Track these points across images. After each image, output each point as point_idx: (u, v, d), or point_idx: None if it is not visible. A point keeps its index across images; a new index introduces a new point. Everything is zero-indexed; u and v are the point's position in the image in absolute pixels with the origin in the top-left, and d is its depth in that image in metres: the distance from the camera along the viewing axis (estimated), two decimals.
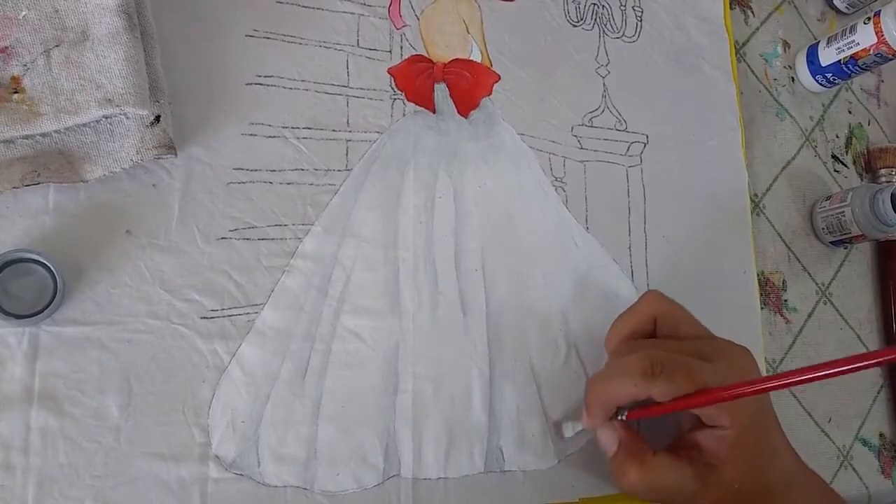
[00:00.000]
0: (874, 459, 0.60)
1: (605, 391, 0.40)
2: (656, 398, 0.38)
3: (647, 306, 0.43)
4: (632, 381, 0.38)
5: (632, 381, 0.38)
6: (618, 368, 0.40)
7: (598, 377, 0.41)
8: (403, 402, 0.41)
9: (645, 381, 0.38)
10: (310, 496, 0.38)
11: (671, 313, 0.42)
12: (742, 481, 0.39)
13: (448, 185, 0.45)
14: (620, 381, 0.39)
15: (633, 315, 0.43)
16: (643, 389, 0.38)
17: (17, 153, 0.35)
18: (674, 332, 0.42)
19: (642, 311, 0.42)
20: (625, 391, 0.39)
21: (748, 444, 0.40)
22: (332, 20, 0.45)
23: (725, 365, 0.39)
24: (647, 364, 0.38)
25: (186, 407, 0.37)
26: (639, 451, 0.40)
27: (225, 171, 0.40)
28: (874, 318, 0.64)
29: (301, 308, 0.40)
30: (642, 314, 0.42)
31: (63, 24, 0.35)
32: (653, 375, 0.38)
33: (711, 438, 0.40)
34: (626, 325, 0.42)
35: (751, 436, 0.40)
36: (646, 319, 0.42)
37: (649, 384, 0.38)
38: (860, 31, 0.59)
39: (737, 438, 0.39)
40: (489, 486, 0.42)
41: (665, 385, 0.37)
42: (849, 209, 0.58)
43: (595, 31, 0.54)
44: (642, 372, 0.38)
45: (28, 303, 0.35)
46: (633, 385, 0.38)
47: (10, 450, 0.33)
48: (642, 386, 0.38)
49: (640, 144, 0.53)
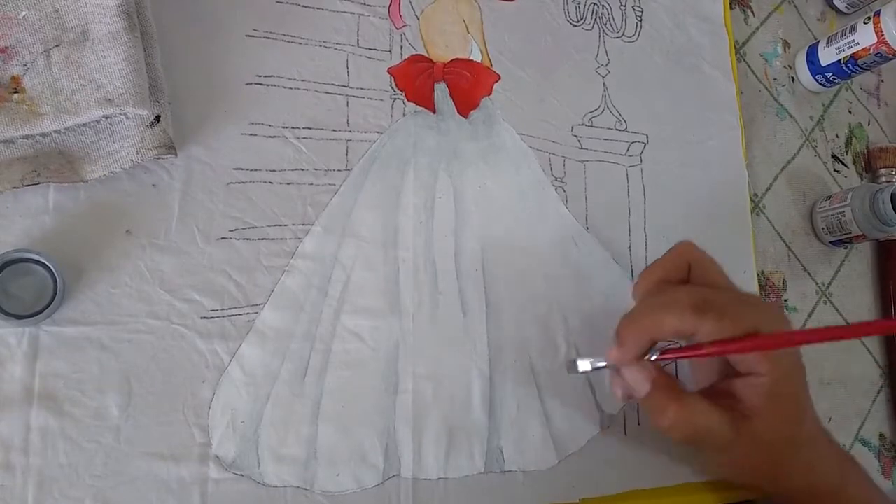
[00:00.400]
0: (874, 459, 0.60)
1: (648, 323, 0.38)
2: (701, 337, 0.37)
3: (681, 253, 0.41)
4: (680, 315, 0.36)
5: (680, 315, 0.36)
6: (664, 301, 0.38)
7: (637, 309, 0.39)
8: (403, 402, 0.41)
9: (695, 315, 0.36)
10: (310, 496, 0.38)
11: (705, 262, 0.41)
12: (774, 433, 0.39)
13: (448, 184, 0.45)
14: (667, 313, 0.37)
15: (667, 260, 0.41)
16: (691, 326, 0.36)
17: (17, 153, 0.35)
18: (707, 281, 0.40)
19: (677, 257, 0.41)
20: (670, 324, 0.37)
21: (783, 396, 0.39)
22: (332, 20, 0.45)
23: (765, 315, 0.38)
24: (699, 298, 0.36)
25: (186, 407, 0.37)
26: (675, 388, 0.38)
27: (225, 171, 0.40)
28: (874, 318, 0.64)
29: (301, 308, 0.40)
30: (677, 260, 0.41)
31: (63, 24, 0.35)
32: (703, 311, 0.36)
33: (747, 387, 0.38)
34: (659, 270, 0.41)
35: (786, 387, 0.39)
36: (680, 265, 0.41)
37: (699, 320, 0.36)
38: (860, 31, 0.59)
39: (773, 388, 0.38)
40: (489, 487, 0.42)
41: (714, 323, 0.36)
42: (849, 209, 0.58)
43: (595, 30, 0.54)
44: (693, 306, 0.36)
45: (28, 303, 0.35)
46: (680, 319, 0.36)
47: (10, 450, 0.33)
48: (691, 321, 0.36)
49: (640, 144, 0.53)
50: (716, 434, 0.38)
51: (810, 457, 0.41)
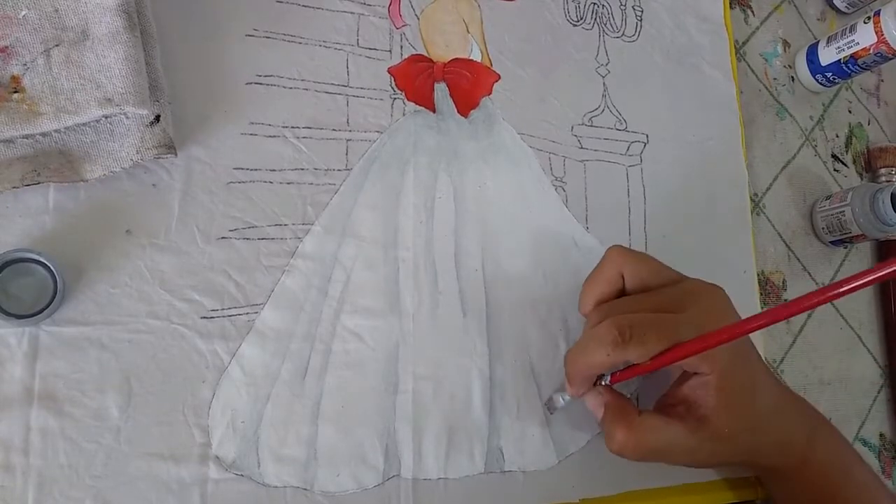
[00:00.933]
0: (874, 459, 0.60)
1: (583, 363, 0.40)
2: (634, 361, 0.38)
3: (613, 264, 0.42)
4: (605, 351, 0.38)
5: (605, 351, 0.38)
6: (590, 340, 0.40)
7: (574, 350, 0.41)
8: (403, 402, 0.41)
9: (617, 349, 0.38)
10: (310, 496, 0.38)
11: (637, 266, 0.42)
12: (731, 424, 0.40)
13: (448, 184, 0.45)
14: (594, 353, 0.39)
15: (600, 276, 0.43)
16: (618, 357, 0.38)
17: (17, 153, 0.35)
18: (642, 285, 0.42)
19: (609, 270, 0.42)
20: (600, 362, 0.39)
21: (731, 386, 0.40)
22: (332, 20, 0.45)
23: (697, 311, 0.40)
24: (615, 332, 0.38)
25: (186, 407, 0.37)
26: (625, 412, 0.40)
27: (225, 170, 0.40)
28: (874, 318, 0.64)
29: (301, 308, 0.40)
30: (609, 273, 0.42)
31: (63, 24, 0.35)
32: (624, 342, 0.38)
33: (697, 387, 0.40)
34: (595, 290, 0.42)
35: (733, 377, 0.40)
36: (614, 278, 0.42)
37: (622, 351, 0.38)
38: (860, 31, 0.59)
39: (720, 382, 0.39)
40: (489, 487, 0.42)
41: (638, 348, 0.38)
42: (849, 209, 0.58)
43: (595, 30, 0.54)
44: (613, 341, 0.38)
45: (28, 303, 0.34)
46: (607, 355, 0.38)
47: (10, 450, 0.33)
48: (616, 354, 0.38)
49: (640, 144, 0.53)
50: (675, 444, 0.40)
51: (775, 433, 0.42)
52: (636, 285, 0.42)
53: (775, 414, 0.42)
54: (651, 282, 0.42)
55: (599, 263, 0.43)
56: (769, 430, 0.42)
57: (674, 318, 0.39)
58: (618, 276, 0.42)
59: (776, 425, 0.42)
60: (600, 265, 0.43)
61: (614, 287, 0.42)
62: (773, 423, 0.42)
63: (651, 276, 0.42)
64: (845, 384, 0.60)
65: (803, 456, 0.43)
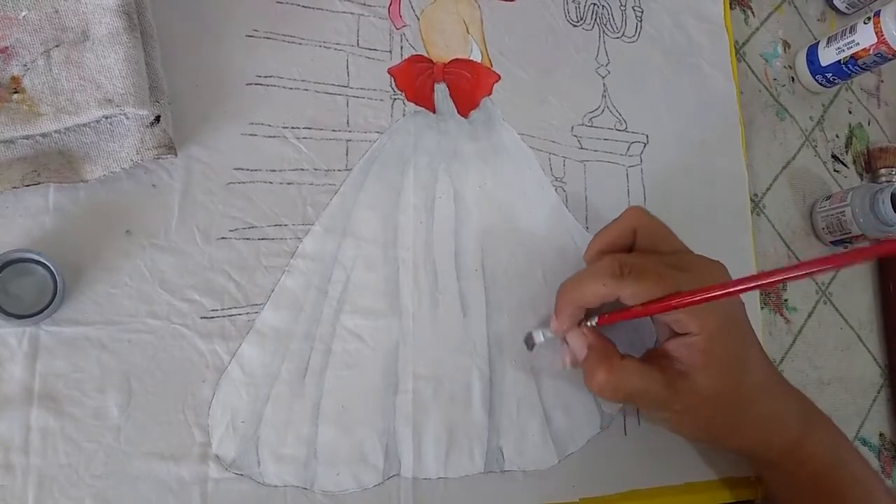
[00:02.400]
0: (874, 459, 0.60)
1: (575, 292, 0.41)
2: (625, 300, 0.39)
3: (628, 219, 0.43)
4: (601, 280, 0.39)
5: (601, 280, 0.39)
6: (588, 271, 0.40)
7: (568, 281, 0.41)
8: (403, 402, 0.41)
9: (614, 280, 0.38)
10: (310, 496, 0.38)
11: (651, 227, 0.42)
12: (713, 388, 0.40)
13: (448, 185, 0.45)
14: (589, 282, 0.39)
15: (613, 227, 0.43)
16: (612, 290, 0.38)
17: (17, 153, 0.35)
18: (652, 246, 0.42)
19: (622, 224, 0.42)
20: (593, 291, 0.39)
21: (718, 352, 0.40)
22: (332, 20, 0.45)
23: (697, 274, 0.40)
24: (616, 265, 0.38)
25: (186, 407, 0.37)
26: (608, 354, 0.40)
27: (225, 171, 0.40)
28: (874, 318, 0.64)
29: (301, 308, 0.40)
30: (622, 227, 0.42)
31: (63, 25, 0.35)
32: (622, 275, 0.38)
33: (682, 346, 0.40)
34: (605, 237, 0.43)
35: (721, 343, 0.40)
36: (625, 232, 0.42)
37: (618, 284, 0.38)
38: (860, 31, 0.59)
39: (707, 345, 0.40)
40: (489, 486, 0.42)
41: (633, 286, 0.38)
42: (849, 209, 0.58)
43: (595, 31, 0.54)
44: (611, 272, 0.38)
45: (28, 303, 0.35)
46: (602, 285, 0.38)
47: (10, 450, 0.33)
48: (611, 286, 0.38)
49: (640, 144, 0.53)
50: (650, 391, 0.40)
51: (762, 411, 0.42)
52: (646, 245, 0.42)
53: (762, 392, 0.42)
54: (660, 245, 0.42)
55: (615, 219, 0.43)
56: (754, 409, 0.42)
57: (673, 272, 0.39)
58: (630, 231, 0.42)
59: (762, 405, 0.42)
60: (616, 219, 0.43)
61: (624, 241, 0.42)
62: (759, 402, 0.42)
63: (661, 239, 0.42)
64: (845, 384, 0.60)
65: (794, 443, 0.43)
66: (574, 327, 0.42)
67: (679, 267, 0.40)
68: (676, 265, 0.40)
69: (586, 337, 0.41)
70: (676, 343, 0.41)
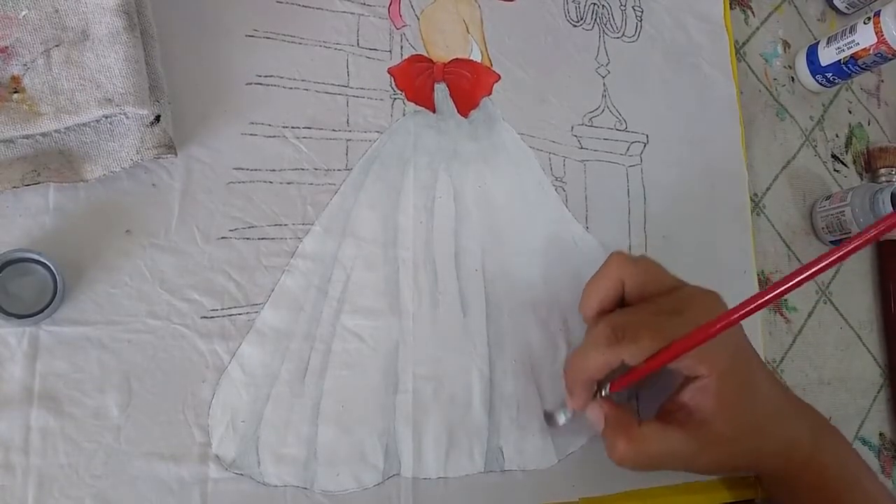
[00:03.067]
0: (874, 459, 0.60)
1: (578, 368, 0.40)
2: (628, 362, 0.38)
3: (613, 271, 0.42)
4: (599, 350, 0.38)
5: (599, 350, 0.38)
6: (585, 344, 0.40)
7: (569, 357, 0.41)
8: (403, 402, 0.41)
9: (611, 347, 0.38)
10: (310, 496, 0.38)
11: (637, 275, 0.42)
12: (732, 427, 0.40)
13: (448, 184, 0.45)
14: (589, 354, 0.39)
15: (601, 282, 0.42)
16: (612, 357, 0.38)
17: (17, 153, 0.35)
18: (642, 293, 0.42)
19: (608, 278, 0.42)
20: (594, 363, 0.39)
21: (731, 388, 0.40)
22: (332, 20, 0.45)
23: (692, 314, 0.39)
24: (608, 331, 0.38)
25: (186, 407, 0.37)
26: (625, 423, 0.40)
27: (225, 170, 0.40)
28: (874, 318, 0.64)
29: (301, 308, 0.40)
30: (609, 281, 0.42)
31: (63, 24, 0.35)
32: (617, 340, 0.38)
33: (696, 392, 0.40)
34: (594, 295, 0.42)
35: (732, 378, 0.40)
36: (614, 286, 0.42)
37: (616, 349, 0.38)
38: (860, 31, 0.59)
39: (719, 384, 0.39)
40: (489, 486, 0.42)
41: (631, 347, 0.38)
42: (849, 209, 0.58)
43: (595, 30, 0.54)
44: (606, 340, 0.38)
45: (28, 303, 0.34)
46: (601, 354, 0.38)
47: (10, 450, 0.33)
48: (610, 353, 0.38)
49: (640, 144, 0.53)
50: (676, 451, 0.39)
51: (778, 433, 0.42)
52: (636, 294, 0.42)
53: (777, 416, 0.42)
54: (650, 289, 0.42)
55: (600, 269, 0.43)
56: (772, 433, 0.42)
57: (668, 320, 0.39)
58: (618, 283, 0.42)
59: (778, 428, 0.42)
60: (601, 271, 0.43)
61: (614, 293, 0.42)
62: (775, 425, 0.42)
63: (650, 283, 0.42)
64: (845, 384, 0.60)
65: (807, 459, 0.43)
66: (590, 401, 0.41)
67: (673, 310, 0.40)
68: (671, 309, 0.40)
69: (602, 408, 0.41)
70: (690, 391, 0.40)
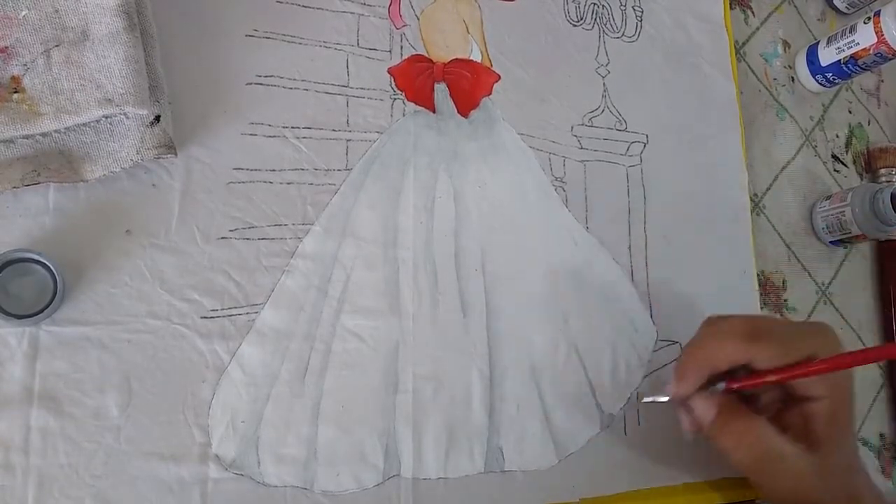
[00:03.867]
0: (874, 459, 0.60)
1: (704, 354, 0.38)
2: (757, 363, 0.36)
3: (730, 354, 0.39)
4: (733, 342, 0.36)
5: (733, 342, 0.36)
6: (717, 333, 0.38)
7: (694, 342, 0.39)
8: (403, 402, 0.41)
9: (747, 343, 0.36)
10: (310, 496, 0.38)
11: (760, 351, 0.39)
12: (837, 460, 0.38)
13: (448, 185, 0.45)
14: (721, 343, 0.37)
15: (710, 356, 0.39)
16: (745, 352, 0.36)
17: (17, 153, 0.35)
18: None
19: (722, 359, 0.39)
20: (724, 353, 0.37)
21: (842, 417, 0.38)
22: (332, 20, 0.45)
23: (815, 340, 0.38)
24: (749, 327, 0.36)
25: (186, 407, 0.37)
26: (744, 412, 0.37)
27: (225, 171, 0.40)
28: (874, 318, 0.64)
29: (301, 308, 0.40)
30: (722, 361, 0.39)
31: (63, 24, 0.35)
32: (757, 339, 0.36)
33: (807, 414, 0.38)
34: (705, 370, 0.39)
35: (844, 408, 0.38)
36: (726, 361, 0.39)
37: (752, 347, 0.36)
38: (860, 31, 0.59)
39: (833, 411, 0.37)
40: (489, 486, 0.42)
41: (769, 350, 0.36)
42: (849, 209, 0.58)
43: (595, 30, 0.54)
44: (745, 333, 0.36)
45: (28, 303, 0.34)
46: (735, 347, 0.36)
47: (10, 450, 0.33)
48: (744, 349, 0.36)
49: (640, 144, 0.53)
50: (789, 462, 0.37)
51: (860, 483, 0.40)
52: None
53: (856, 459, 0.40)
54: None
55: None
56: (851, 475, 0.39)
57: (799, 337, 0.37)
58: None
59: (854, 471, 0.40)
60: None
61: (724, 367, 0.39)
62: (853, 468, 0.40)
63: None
64: None
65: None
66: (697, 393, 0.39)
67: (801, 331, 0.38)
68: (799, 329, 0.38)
69: (715, 399, 0.38)
70: (801, 411, 0.38)
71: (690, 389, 0.39)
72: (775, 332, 0.37)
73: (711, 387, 0.39)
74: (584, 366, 0.46)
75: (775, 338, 0.36)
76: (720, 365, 0.38)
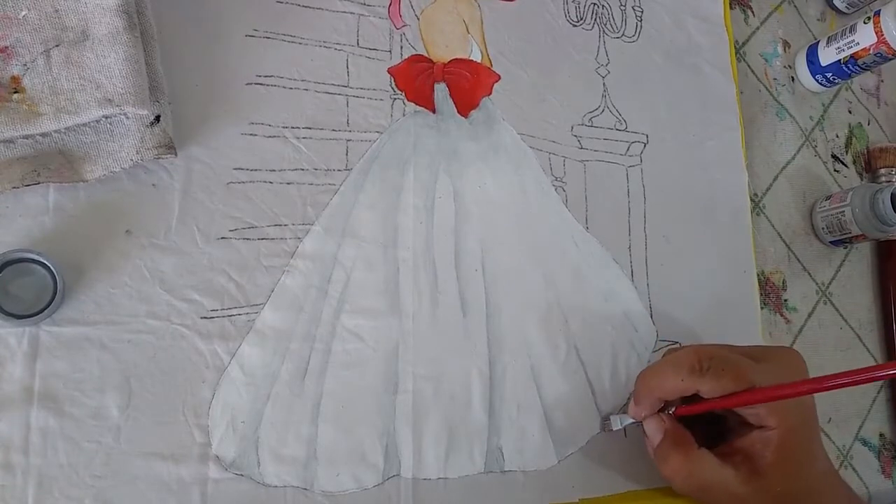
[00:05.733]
0: (874, 459, 0.60)
1: (654, 384, 0.41)
2: (703, 395, 0.39)
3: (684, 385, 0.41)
4: (679, 375, 0.39)
5: (679, 375, 0.39)
6: (668, 363, 0.40)
7: (648, 370, 0.42)
8: (403, 402, 0.41)
9: (692, 376, 0.38)
10: (310, 496, 0.38)
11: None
12: (785, 484, 0.39)
13: (448, 184, 0.45)
14: (668, 375, 0.39)
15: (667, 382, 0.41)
16: (690, 384, 0.38)
17: (17, 153, 0.35)
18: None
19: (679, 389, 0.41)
20: (672, 385, 0.39)
21: (793, 446, 0.39)
22: (332, 20, 0.45)
23: (774, 365, 0.40)
24: (695, 359, 0.38)
25: (186, 407, 0.37)
26: (685, 442, 0.40)
27: (225, 171, 0.40)
28: (874, 318, 0.64)
29: (301, 308, 0.40)
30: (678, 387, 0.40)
31: (63, 24, 0.35)
32: (700, 371, 0.38)
33: (757, 442, 0.40)
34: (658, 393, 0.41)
35: (796, 438, 0.40)
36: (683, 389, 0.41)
37: (696, 379, 0.38)
38: (860, 31, 0.59)
39: (782, 440, 0.39)
40: (489, 486, 0.42)
41: (712, 381, 0.38)
42: (849, 209, 0.58)
43: (595, 30, 0.54)
44: (690, 367, 0.38)
45: (28, 303, 0.35)
46: (681, 379, 0.38)
47: (10, 450, 0.33)
48: (689, 381, 0.38)
49: (640, 144, 0.53)
50: (727, 487, 0.39)
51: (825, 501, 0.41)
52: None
53: (825, 487, 0.41)
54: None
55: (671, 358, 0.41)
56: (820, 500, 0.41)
57: (751, 364, 0.39)
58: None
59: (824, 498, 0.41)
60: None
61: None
62: (822, 492, 0.41)
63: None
64: None
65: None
66: (652, 414, 0.42)
67: (755, 356, 0.40)
68: (754, 355, 0.40)
69: (663, 423, 0.41)
70: (751, 438, 0.40)
71: (647, 413, 0.42)
72: (729, 363, 0.39)
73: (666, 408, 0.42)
74: (583, 366, 0.46)
75: (728, 368, 0.38)
76: (668, 395, 0.41)
